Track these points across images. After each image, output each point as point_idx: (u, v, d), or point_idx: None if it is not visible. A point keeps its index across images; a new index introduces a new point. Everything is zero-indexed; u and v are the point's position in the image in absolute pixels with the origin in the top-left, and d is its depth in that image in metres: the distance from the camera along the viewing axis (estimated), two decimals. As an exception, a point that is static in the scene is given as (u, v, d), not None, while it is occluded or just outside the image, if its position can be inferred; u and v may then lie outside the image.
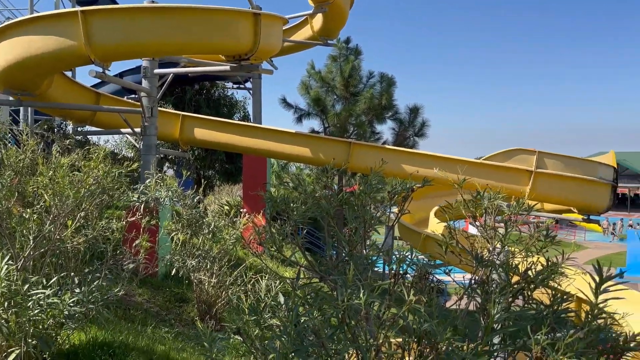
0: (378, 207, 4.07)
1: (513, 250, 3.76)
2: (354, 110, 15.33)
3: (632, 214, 58.14)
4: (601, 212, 11.21)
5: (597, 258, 33.17)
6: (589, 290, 3.32)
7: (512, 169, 10.04)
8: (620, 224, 44.45)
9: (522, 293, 3.26)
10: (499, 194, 4.09)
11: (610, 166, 10.82)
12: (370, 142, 14.60)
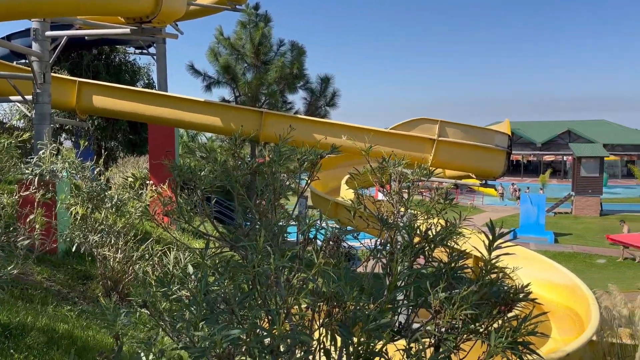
0: (291, 177, 4.09)
1: (416, 213, 3.96)
2: (265, 79, 15.13)
3: (525, 179, 63.31)
4: (497, 177, 12.07)
5: (493, 220, 35.97)
6: (483, 248, 3.59)
7: (417, 138, 10.48)
8: (514, 188, 48.35)
9: (423, 252, 3.45)
10: (403, 161, 4.27)
11: (506, 134, 11.62)
12: (282, 112, 14.55)
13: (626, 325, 7.95)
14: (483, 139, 11.03)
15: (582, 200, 37.87)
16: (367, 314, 2.47)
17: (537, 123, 75.71)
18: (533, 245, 26.70)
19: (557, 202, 39.64)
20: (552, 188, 49.63)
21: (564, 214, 38.64)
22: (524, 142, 68.71)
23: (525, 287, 3.31)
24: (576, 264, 23.15)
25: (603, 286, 8.58)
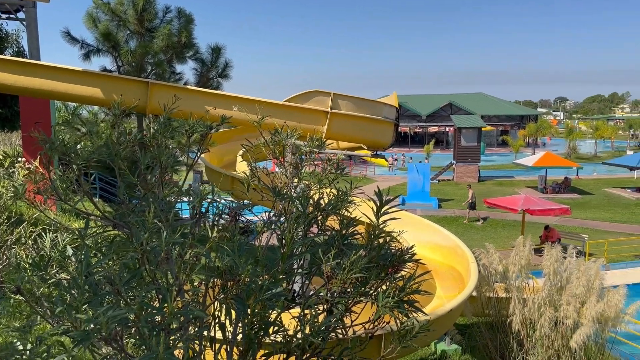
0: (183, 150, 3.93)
1: (309, 184, 4.00)
2: (150, 48, 14.27)
3: (412, 150, 66.86)
4: (386, 148, 12.57)
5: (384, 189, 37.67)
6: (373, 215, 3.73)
7: (311, 110, 10.56)
8: (403, 158, 50.89)
9: (316, 221, 3.51)
10: (295, 132, 4.27)
11: (393, 107, 12.08)
12: (171, 83, 13.88)
13: (501, 280, 8.80)
14: (373, 111, 11.38)
15: (462, 168, 40.89)
16: (261, 284, 2.47)
17: (422, 96, 79.89)
18: (420, 211, 28.45)
19: (440, 170, 42.45)
20: (436, 157, 53.02)
21: (446, 181, 41.52)
22: (411, 115, 72.31)
23: (410, 249, 3.51)
24: (458, 227, 25.10)
25: (481, 246, 9.35)
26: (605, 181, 40.90)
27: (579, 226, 24.84)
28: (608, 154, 57.95)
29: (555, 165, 35.92)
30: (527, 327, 7.89)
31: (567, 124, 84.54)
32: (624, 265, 18.41)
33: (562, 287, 7.74)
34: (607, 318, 7.25)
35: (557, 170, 37.87)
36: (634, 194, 34.64)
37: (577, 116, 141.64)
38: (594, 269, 7.56)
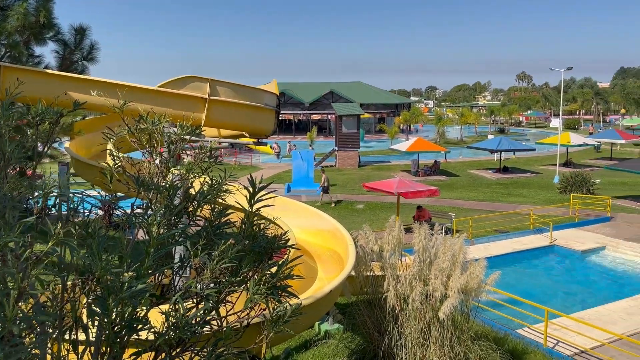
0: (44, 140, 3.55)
1: (182, 173, 3.84)
2: (4, 29, 12.75)
3: (297, 137, 67.69)
4: (268, 135, 12.56)
5: (270, 176, 37.70)
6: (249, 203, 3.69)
7: (187, 96, 10.19)
8: (288, 145, 51.33)
9: (186, 212, 3.39)
10: (164, 119, 4.06)
11: (274, 94, 12.07)
12: (29, 67, 12.55)
13: (377, 259, 9.26)
14: (253, 98, 11.28)
15: (343, 154, 42.31)
16: (122, 282, 2.33)
17: (305, 84, 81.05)
18: (305, 197, 28.98)
19: (323, 157, 43.54)
20: (319, 144, 54.21)
21: (329, 167, 42.71)
22: (295, 102, 73.07)
23: (284, 235, 3.54)
24: (340, 211, 25.99)
25: (361, 228, 9.74)
26: (469, 163, 44.80)
27: (448, 205, 26.96)
28: (472, 139, 63.49)
29: (426, 149, 38.54)
30: (401, 301, 8.41)
31: (437, 112, 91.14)
32: (486, 239, 20.39)
33: (430, 263, 8.34)
34: (470, 289, 7.96)
35: (428, 155, 40.68)
36: (495, 174, 38.35)
37: (446, 104, 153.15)
38: (457, 244, 8.24)
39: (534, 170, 40.08)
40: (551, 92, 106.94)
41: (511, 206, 26.62)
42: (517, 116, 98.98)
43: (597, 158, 47.12)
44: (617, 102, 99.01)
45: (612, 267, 18.14)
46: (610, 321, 12.69)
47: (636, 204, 26.96)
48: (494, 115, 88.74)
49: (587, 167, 39.87)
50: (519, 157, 46.96)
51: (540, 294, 15.43)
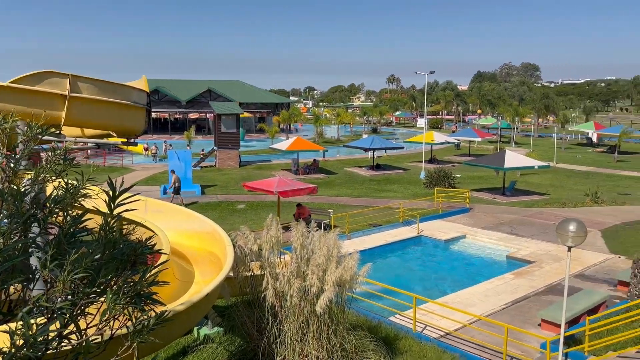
0: None
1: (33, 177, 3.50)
2: None
3: (174, 137, 65.14)
4: (139, 135, 11.91)
5: (145, 178, 35.83)
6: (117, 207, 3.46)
7: (43, 93, 9.29)
8: (164, 145, 49.19)
9: (36, 220, 3.10)
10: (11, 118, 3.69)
11: (144, 91, 11.48)
12: None
13: (257, 259, 9.25)
14: (120, 95, 10.63)
15: (223, 153, 41.64)
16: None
17: (181, 82, 78.38)
18: (182, 199, 28.04)
19: (202, 157, 42.48)
20: (198, 144, 52.77)
21: (209, 167, 41.78)
22: (170, 100, 70.28)
23: (149, 239, 3.39)
24: (221, 212, 25.56)
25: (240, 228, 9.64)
26: (346, 161, 46.59)
27: (326, 202, 27.79)
28: (348, 138, 66.05)
29: (305, 148, 39.35)
30: (281, 299, 8.50)
31: (315, 112, 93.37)
32: (362, 233, 21.38)
33: (308, 259, 8.54)
34: (344, 281, 8.28)
35: (308, 153, 41.59)
36: (369, 171, 40.28)
37: (323, 104, 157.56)
38: (332, 239, 8.53)
39: (403, 167, 42.79)
40: (417, 94, 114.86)
41: (384, 201, 28.16)
42: (388, 116, 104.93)
43: (458, 155, 51.59)
44: (474, 103, 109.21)
45: (471, 254, 20.01)
46: (470, 303, 13.98)
47: (491, 195, 29.99)
48: (367, 115, 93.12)
49: (449, 163, 43.55)
50: (390, 154, 49.82)
51: (410, 282, 16.55)
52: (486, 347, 11.02)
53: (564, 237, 8.76)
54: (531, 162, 31.22)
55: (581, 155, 51.65)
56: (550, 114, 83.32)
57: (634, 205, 27.41)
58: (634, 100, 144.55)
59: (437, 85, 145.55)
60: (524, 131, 79.41)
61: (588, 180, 36.18)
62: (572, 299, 12.97)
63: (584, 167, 43.20)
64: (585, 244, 19.54)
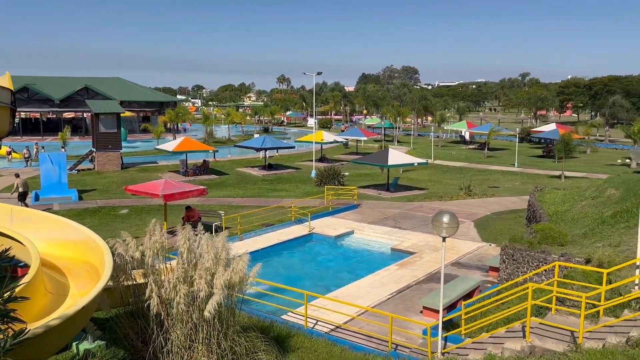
0: None
1: None
2: None
3: (46, 138, 59.88)
4: (3, 136, 10.81)
5: (11, 184, 32.44)
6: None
7: None
8: (35, 148, 44.93)
9: None
10: None
11: (7, 88, 10.42)
12: None
13: (139, 267, 8.78)
14: (-22, 93, 9.57)
15: (103, 155, 39.09)
16: None
17: (55, 78, 72.28)
18: (57, 206, 25.88)
19: (79, 160, 39.57)
20: (74, 145, 49.04)
21: (87, 170, 39.01)
22: (42, 99, 64.53)
23: (5, 252, 3.07)
24: (101, 218, 23.98)
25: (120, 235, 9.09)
26: (238, 162, 46.07)
27: (218, 204, 27.26)
28: (239, 138, 65.32)
29: (194, 149, 38.27)
30: (167, 307, 8.17)
31: (204, 111, 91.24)
32: (254, 234, 21.27)
33: (196, 263, 8.29)
34: (234, 283, 8.16)
35: (197, 154, 40.45)
36: (261, 171, 40.20)
37: (213, 103, 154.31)
38: (220, 241, 8.37)
39: (295, 166, 43.30)
40: (307, 94, 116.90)
41: (276, 200, 28.28)
42: (279, 116, 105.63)
43: (346, 153, 53.32)
44: (360, 103, 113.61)
45: (359, 248, 20.79)
46: (358, 296, 14.52)
47: (377, 192, 31.39)
48: (258, 115, 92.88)
49: (338, 162, 44.86)
50: (282, 154, 50.15)
51: (303, 279, 16.80)
52: (373, 337, 11.52)
53: (438, 229, 9.41)
54: (412, 159, 33.19)
55: (456, 152, 55.89)
56: (428, 114, 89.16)
57: (502, 196, 30.26)
58: (501, 100, 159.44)
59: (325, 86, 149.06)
60: (406, 130, 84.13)
61: (462, 175, 39.26)
62: (449, 286, 13.99)
63: (459, 163, 46.80)
64: (460, 234, 21.24)
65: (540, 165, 45.50)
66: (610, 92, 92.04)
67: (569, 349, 8.50)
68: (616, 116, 74.67)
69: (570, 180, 35.12)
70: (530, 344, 8.91)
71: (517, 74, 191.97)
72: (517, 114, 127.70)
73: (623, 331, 8.36)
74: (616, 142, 67.26)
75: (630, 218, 15.42)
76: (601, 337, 8.47)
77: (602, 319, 9.41)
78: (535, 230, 15.82)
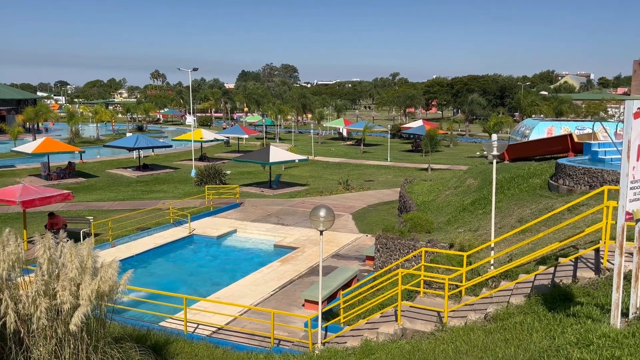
0: None
1: None
2: None
3: None
4: None
5: None
6: None
7: None
8: None
9: None
10: None
11: None
12: None
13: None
14: None
15: (-52, 160, 34.42)
16: None
17: None
18: None
19: None
20: None
21: None
22: None
23: None
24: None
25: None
26: (108, 163, 43.23)
27: (86, 209, 25.36)
28: (110, 137, 61.35)
29: (57, 150, 35.23)
30: (28, 323, 7.43)
31: (68, 109, 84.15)
32: (128, 239, 20.11)
33: (58, 274, 7.63)
34: (103, 293, 7.64)
35: (62, 156, 37.26)
36: (135, 172, 38.13)
37: (79, 100, 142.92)
38: (85, 249, 7.78)
39: (173, 166, 41.73)
40: (185, 91, 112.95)
41: (153, 202, 27.03)
42: (155, 114, 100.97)
43: (228, 151, 52.55)
44: (241, 101, 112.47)
45: (243, 247, 20.64)
46: (241, 295, 14.41)
47: (259, 189, 31.38)
48: (131, 113, 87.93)
49: (220, 160, 44.06)
50: (158, 153, 48.02)
51: (184, 283, 16.26)
52: (256, 335, 11.51)
53: (316, 222, 9.66)
54: (293, 156, 33.71)
55: (334, 149, 57.78)
56: (307, 112, 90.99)
57: (377, 189, 31.89)
58: (375, 99, 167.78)
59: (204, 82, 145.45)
60: (287, 128, 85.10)
61: (340, 170, 40.71)
62: (329, 277, 14.44)
63: (337, 159, 48.46)
64: (340, 226, 22.02)
65: (410, 159, 48.70)
66: (470, 90, 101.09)
67: (436, 328, 9.20)
68: (474, 112, 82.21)
69: (436, 172, 38.07)
70: (402, 327, 9.49)
71: (388, 74, 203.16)
72: (389, 111, 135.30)
73: (481, 308, 9.23)
74: (475, 136, 74.13)
75: (487, 205, 17.10)
76: (463, 315, 9.28)
77: (464, 298, 10.30)
78: (406, 220, 16.90)
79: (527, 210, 14.87)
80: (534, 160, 22.92)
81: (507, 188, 18.60)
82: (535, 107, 64.63)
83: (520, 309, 7.85)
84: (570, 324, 6.24)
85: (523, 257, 9.63)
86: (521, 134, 38.01)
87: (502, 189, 18.49)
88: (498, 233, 12.72)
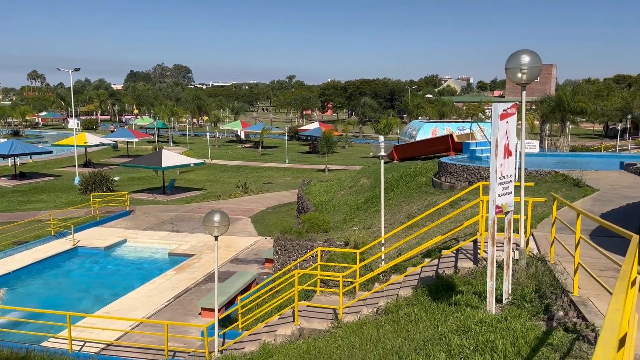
0: None
1: None
2: None
3: None
4: None
5: None
6: None
7: None
8: None
9: None
10: None
11: None
12: None
13: None
14: None
15: None
16: None
17: None
18: None
19: None
20: None
21: None
22: None
23: None
24: None
25: None
26: (-22, 172, 38.99)
27: (-49, 224, 22.63)
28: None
29: None
30: None
31: None
32: (3, 254, 18.27)
33: None
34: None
35: None
36: (10, 181, 34.78)
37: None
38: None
39: (54, 174, 38.64)
40: (67, 92, 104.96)
41: (32, 213, 24.82)
42: (33, 117, 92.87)
43: (116, 156, 49.71)
44: (130, 103, 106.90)
45: (134, 257, 19.60)
46: (133, 308, 13.67)
47: (152, 195, 30.03)
48: (5, 117, 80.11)
49: (107, 166, 41.53)
50: (36, 160, 44.22)
51: (69, 299, 15.07)
52: (150, 349, 10.99)
53: (210, 228, 9.43)
54: (188, 160, 32.67)
55: (232, 151, 56.98)
56: (203, 114, 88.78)
57: (276, 192, 31.93)
58: (272, 101, 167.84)
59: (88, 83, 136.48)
60: (182, 131, 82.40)
61: (239, 173, 40.22)
62: (227, 283, 14.19)
63: (235, 162, 47.83)
64: (238, 230, 21.73)
65: (307, 160, 49.40)
66: (362, 93, 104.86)
67: (332, 325, 9.40)
68: (366, 115, 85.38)
69: (332, 172, 38.97)
70: (300, 327, 9.58)
71: (285, 76, 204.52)
72: (286, 113, 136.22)
73: (374, 302, 9.59)
74: (368, 137, 77.01)
75: (379, 203, 17.77)
76: (357, 310, 9.57)
77: (358, 293, 10.64)
78: (303, 221, 17.11)
79: (414, 206, 15.72)
80: (420, 160, 24.30)
81: (397, 186, 19.53)
82: (421, 110, 68.59)
83: (408, 300, 8.26)
84: (452, 312, 6.68)
85: (410, 251, 10.15)
86: (409, 135, 40.12)
87: (392, 187, 19.37)
88: (388, 229, 13.30)
